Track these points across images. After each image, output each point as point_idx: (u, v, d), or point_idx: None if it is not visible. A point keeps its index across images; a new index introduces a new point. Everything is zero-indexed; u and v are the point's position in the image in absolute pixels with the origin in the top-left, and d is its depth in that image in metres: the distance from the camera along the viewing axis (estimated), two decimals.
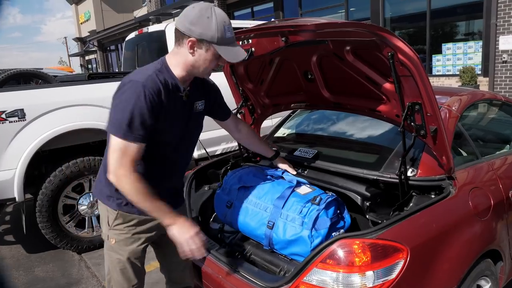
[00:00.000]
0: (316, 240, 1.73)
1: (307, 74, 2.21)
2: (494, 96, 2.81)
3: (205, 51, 1.52)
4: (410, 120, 1.76)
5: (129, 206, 1.62)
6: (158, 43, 4.50)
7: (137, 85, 1.44)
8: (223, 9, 13.88)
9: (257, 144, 2.21)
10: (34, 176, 3.61)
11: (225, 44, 1.51)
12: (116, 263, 1.69)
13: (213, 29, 1.47)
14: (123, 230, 1.67)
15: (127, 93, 1.44)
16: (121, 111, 1.43)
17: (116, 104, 1.46)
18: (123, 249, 1.68)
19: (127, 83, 1.47)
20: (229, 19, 1.55)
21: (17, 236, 4.24)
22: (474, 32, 8.26)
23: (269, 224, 1.85)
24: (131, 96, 1.43)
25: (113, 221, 1.66)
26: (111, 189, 1.61)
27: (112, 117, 1.46)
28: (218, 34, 1.48)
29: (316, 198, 1.83)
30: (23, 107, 3.20)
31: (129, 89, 1.44)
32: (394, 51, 1.59)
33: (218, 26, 1.48)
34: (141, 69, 1.56)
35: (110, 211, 1.67)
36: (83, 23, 27.65)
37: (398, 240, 1.51)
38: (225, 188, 2.14)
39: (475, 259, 1.73)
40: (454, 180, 1.84)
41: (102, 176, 1.66)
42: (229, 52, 1.53)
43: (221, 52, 1.51)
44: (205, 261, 1.95)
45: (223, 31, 1.49)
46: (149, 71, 1.51)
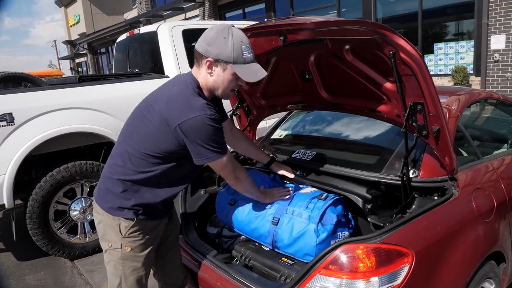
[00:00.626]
0: (322, 234, 1.70)
1: (304, 74, 2.17)
2: (491, 95, 2.80)
3: (222, 71, 1.56)
4: (412, 120, 1.72)
5: (145, 214, 1.67)
6: (150, 44, 4.42)
7: (206, 119, 1.50)
8: (215, 11, 13.95)
9: (252, 150, 2.18)
10: (24, 181, 3.52)
11: (242, 63, 1.53)
12: (131, 270, 1.70)
13: (229, 49, 1.51)
14: (138, 237, 1.68)
15: (204, 128, 1.50)
16: (210, 143, 1.54)
17: (202, 141, 1.53)
18: (139, 255, 1.70)
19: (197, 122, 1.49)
20: (247, 39, 1.56)
21: (7, 243, 4.13)
22: (465, 32, 8.31)
23: (274, 220, 1.82)
24: (209, 128, 1.51)
25: (128, 229, 1.66)
26: (125, 200, 1.64)
27: (204, 152, 1.55)
28: (234, 54, 1.52)
29: (323, 195, 1.82)
30: (12, 111, 3.12)
31: (204, 125, 1.50)
32: (396, 49, 1.55)
33: (235, 46, 1.51)
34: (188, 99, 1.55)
35: (123, 220, 1.65)
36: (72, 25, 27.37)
37: (402, 244, 1.46)
38: (230, 187, 2.09)
39: (480, 261, 1.70)
40: (456, 181, 1.81)
41: (112, 188, 1.66)
42: (247, 71, 1.56)
43: (238, 71, 1.54)
44: (203, 267, 1.90)
45: (240, 50, 1.52)
46: (198, 99, 1.54)
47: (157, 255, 1.90)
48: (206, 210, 2.32)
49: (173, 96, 1.56)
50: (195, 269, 1.93)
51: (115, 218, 1.65)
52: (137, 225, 1.66)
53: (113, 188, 1.65)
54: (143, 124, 1.60)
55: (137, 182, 1.63)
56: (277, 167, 2.13)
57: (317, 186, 2.00)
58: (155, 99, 1.61)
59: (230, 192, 2.09)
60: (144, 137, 1.60)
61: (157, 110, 1.56)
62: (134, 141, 1.62)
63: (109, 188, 1.67)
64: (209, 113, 1.51)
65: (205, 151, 1.55)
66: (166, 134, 1.54)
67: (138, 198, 1.64)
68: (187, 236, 2.13)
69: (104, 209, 1.67)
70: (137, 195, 1.64)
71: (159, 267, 1.96)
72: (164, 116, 1.53)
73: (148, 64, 4.55)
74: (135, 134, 1.63)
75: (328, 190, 1.93)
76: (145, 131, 1.59)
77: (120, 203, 1.64)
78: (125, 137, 1.67)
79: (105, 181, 1.69)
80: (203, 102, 1.53)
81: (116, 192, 1.64)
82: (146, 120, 1.59)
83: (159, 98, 1.59)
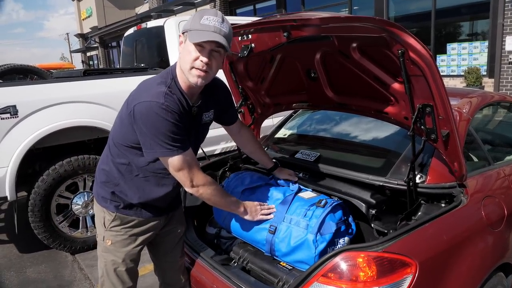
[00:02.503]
0: (320, 245, 1.65)
1: (310, 72, 2.10)
2: (504, 98, 2.69)
3: (184, 42, 1.50)
4: (420, 123, 1.65)
5: (127, 208, 1.66)
6: (157, 39, 4.38)
7: (156, 106, 1.40)
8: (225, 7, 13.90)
9: (258, 152, 2.13)
10: (28, 174, 3.52)
11: (198, 29, 1.43)
12: (111, 264, 1.69)
13: (191, 19, 1.47)
14: (120, 232, 1.67)
15: (151, 116, 1.41)
16: (157, 134, 1.42)
17: (147, 131, 1.43)
18: (119, 250, 1.68)
19: (144, 107, 1.41)
20: (217, 14, 1.46)
21: (10, 235, 4.15)
22: (479, 32, 8.12)
23: (270, 229, 1.76)
24: (156, 118, 1.40)
25: (110, 223, 1.67)
26: (107, 191, 1.66)
27: (152, 143, 1.45)
28: (194, 21, 1.45)
29: (321, 201, 1.75)
30: (16, 103, 3.11)
31: (150, 112, 1.40)
32: (405, 48, 1.47)
33: (196, 15, 1.46)
34: (151, 85, 1.49)
35: (107, 213, 1.67)
36: (85, 19, 27.51)
37: (406, 253, 1.39)
38: (227, 190, 2.04)
39: (488, 273, 1.62)
40: (465, 188, 1.73)
41: (98, 177, 1.71)
42: (197, 33, 1.43)
43: (189, 35, 1.44)
44: (199, 269, 1.86)
45: (200, 17, 1.44)
46: (160, 86, 1.46)
47: (155, 252, 1.90)
48: (206, 209, 2.27)
49: (143, 84, 1.54)
50: (192, 269, 1.90)
51: (101, 209, 1.67)
52: (118, 219, 1.66)
53: (99, 178, 1.69)
54: (119, 114, 1.61)
55: (114, 174, 1.62)
56: (280, 173, 2.07)
57: (320, 190, 1.93)
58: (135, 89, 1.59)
59: None
60: (116, 126, 1.60)
61: (128, 98, 1.55)
62: (112, 131, 1.64)
63: (97, 177, 1.72)
64: (162, 101, 1.40)
65: (151, 142, 1.45)
66: (127, 121, 1.50)
67: (118, 190, 1.64)
68: (185, 235, 2.08)
69: (95, 198, 1.72)
70: (117, 188, 1.64)
71: (158, 264, 1.94)
72: (129, 102, 1.51)
73: (155, 58, 4.52)
74: (114, 124, 1.64)
75: (330, 194, 1.86)
76: (118, 120, 1.60)
77: (103, 192, 1.67)
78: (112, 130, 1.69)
79: (96, 171, 1.74)
80: (162, 90, 1.44)
81: (101, 181, 1.68)
82: (121, 110, 1.59)
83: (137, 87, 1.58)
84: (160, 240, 1.84)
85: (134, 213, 1.66)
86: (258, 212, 1.79)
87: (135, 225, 1.68)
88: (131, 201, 1.64)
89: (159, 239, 1.84)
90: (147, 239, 1.75)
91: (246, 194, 1.96)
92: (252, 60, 2.19)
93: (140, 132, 1.45)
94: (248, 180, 2.04)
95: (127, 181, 1.62)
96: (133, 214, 1.66)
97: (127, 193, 1.63)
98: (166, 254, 1.88)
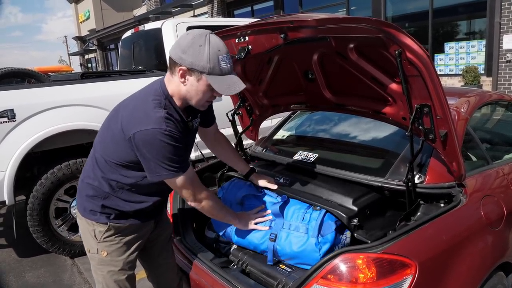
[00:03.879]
0: (324, 246, 1.64)
1: (307, 73, 2.10)
2: (502, 97, 2.69)
3: (196, 81, 1.44)
4: (418, 123, 1.64)
5: (118, 217, 1.63)
6: (154, 41, 4.38)
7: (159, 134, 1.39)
8: (223, 8, 13.89)
9: (232, 158, 2.08)
10: (26, 178, 3.51)
11: (218, 74, 1.42)
12: (110, 276, 1.66)
13: (204, 58, 1.39)
14: (114, 241, 1.64)
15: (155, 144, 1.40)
16: (162, 159, 1.43)
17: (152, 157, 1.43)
18: (116, 259, 1.66)
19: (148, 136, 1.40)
20: (225, 48, 1.43)
21: (9, 239, 4.13)
22: (477, 31, 8.13)
23: (271, 237, 1.75)
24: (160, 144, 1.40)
25: (103, 234, 1.63)
26: (95, 204, 1.61)
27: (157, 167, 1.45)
28: (210, 64, 1.40)
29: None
30: (13, 107, 3.09)
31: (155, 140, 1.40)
32: (402, 49, 1.46)
33: (211, 55, 1.39)
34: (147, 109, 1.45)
35: (97, 225, 1.63)
36: (82, 22, 27.51)
37: (405, 254, 1.39)
38: (225, 201, 2.03)
39: (488, 273, 1.61)
40: (464, 188, 1.72)
41: (83, 191, 1.65)
42: (223, 82, 1.43)
43: (212, 82, 1.42)
44: (198, 271, 1.85)
45: (216, 60, 1.40)
46: (158, 111, 1.43)
47: (147, 258, 1.88)
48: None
49: (136, 105, 1.49)
50: (191, 272, 1.88)
51: (90, 222, 1.63)
52: (112, 229, 1.62)
53: (84, 191, 1.64)
54: (108, 131, 1.55)
55: (105, 188, 1.58)
56: (257, 178, 2.01)
57: (299, 199, 1.86)
58: (123, 106, 1.54)
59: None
60: (108, 145, 1.54)
61: (119, 118, 1.49)
62: (101, 147, 1.58)
63: (82, 191, 1.66)
64: (164, 127, 1.40)
65: (156, 167, 1.45)
66: (124, 143, 1.47)
67: (107, 203, 1.60)
68: (184, 238, 2.08)
69: (80, 212, 1.67)
70: (106, 201, 1.60)
71: (151, 269, 1.92)
72: (123, 124, 1.46)
73: (153, 61, 4.52)
74: (102, 140, 1.58)
75: (310, 203, 1.80)
76: (109, 138, 1.54)
77: (91, 206, 1.62)
78: (96, 142, 1.63)
79: (80, 184, 1.68)
80: (161, 115, 1.41)
81: (87, 195, 1.62)
82: (110, 127, 1.54)
83: (127, 105, 1.53)
84: (150, 244, 1.83)
85: (126, 220, 1.64)
86: (252, 221, 1.82)
87: (128, 232, 1.66)
88: (123, 210, 1.62)
89: (149, 244, 1.83)
90: (142, 243, 1.74)
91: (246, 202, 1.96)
92: (250, 61, 2.18)
93: (144, 158, 1.45)
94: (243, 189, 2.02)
95: (118, 194, 1.59)
96: (126, 222, 1.64)
97: (118, 203, 1.61)
98: (158, 257, 1.88)
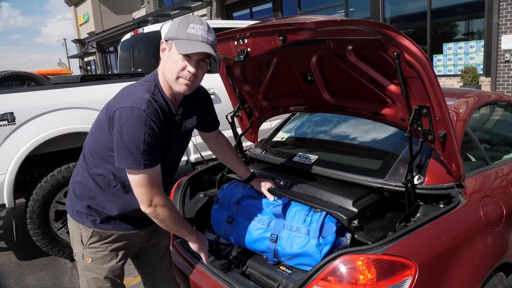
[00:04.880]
0: (325, 248, 1.65)
1: (306, 75, 2.10)
2: (501, 97, 2.70)
3: (169, 51, 1.44)
4: (417, 124, 1.65)
5: (104, 222, 1.57)
6: (153, 43, 4.39)
7: (137, 113, 1.34)
8: (222, 10, 13.91)
9: (234, 162, 2.04)
10: (26, 181, 3.51)
11: (185, 38, 1.39)
12: (94, 283, 1.60)
13: (175, 26, 1.41)
14: (99, 248, 1.58)
15: (129, 123, 1.34)
16: (130, 143, 1.35)
17: (121, 138, 1.36)
18: (101, 267, 1.59)
19: (124, 113, 1.35)
20: (202, 22, 1.43)
21: (9, 242, 4.13)
22: (475, 31, 8.15)
23: (272, 238, 1.75)
24: (134, 125, 1.34)
25: (88, 239, 1.57)
26: (82, 204, 1.56)
27: (123, 152, 1.37)
28: (179, 29, 1.40)
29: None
30: (13, 110, 3.10)
31: (130, 119, 1.34)
32: (400, 50, 1.47)
33: (181, 22, 1.41)
34: (133, 90, 1.44)
35: (83, 229, 1.57)
36: (82, 24, 27.55)
37: (405, 255, 1.39)
38: (223, 203, 2.03)
39: (488, 273, 1.62)
40: (463, 188, 1.73)
41: (72, 191, 1.60)
42: (184, 43, 1.38)
43: (176, 44, 1.39)
44: (199, 273, 1.84)
45: (185, 26, 1.39)
46: (143, 93, 1.40)
47: (143, 267, 1.85)
48: (205, 214, 2.26)
49: (124, 89, 1.48)
50: (191, 275, 1.88)
51: (77, 225, 1.58)
52: (96, 235, 1.56)
53: (72, 191, 1.60)
54: (96, 122, 1.53)
55: (91, 186, 1.54)
56: (257, 184, 2.00)
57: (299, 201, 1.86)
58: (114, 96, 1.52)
59: (224, 208, 2.03)
60: (93, 135, 1.51)
61: (107, 105, 1.46)
62: (88, 140, 1.55)
63: (71, 190, 1.61)
64: (144, 108, 1.35)
65: (122, 151, 1.37)
66: (105, 126, 1.42)
67: (94, 204, 1.55)
68: (184, 240, 2.07)
69: (68, 212, 1.62)
70: (93, 201, 1.55)
71: (148, 278, 1.88)
72: (109, 108, 1.42)
73: (152, 63, 4.52)
74: (90, 133, 1.55)
75: (310, 205, 1.80)
76: (95, 128, 1.51)
77: (77, 206, 1.57)
78: (86, 138, 1.60)
79: (70, 185, 1.64)
80: (144, 97, 1.37)
81: (75, 194, 1.58)
82: (98, 117, 1.52)
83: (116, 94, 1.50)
84: (146, 253, 1.79)
85: (113, 227, 1.57)
86: (205, 247, 1.75)
87: (115, 239, 1.59)
88: (109, 214, 1.56)
89: (145, 253, 1.78)
90: (129, 253, 1.68)
91: (242, 205, 1.96)
92: (249, 64, 2.19)
93: (115, 139, 1.38)
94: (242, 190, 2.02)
95: (105, 193, 1.54)
96: (112, 228, 1.57)
97: (104, 205, 1.55)
98: (154, 267, 1.83)
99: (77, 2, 27.74)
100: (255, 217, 1.87)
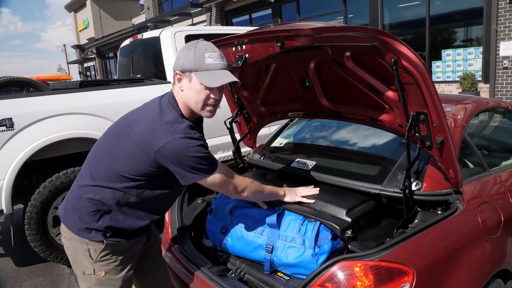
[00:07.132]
0: (321, 257, 1.64)
1: (304, 81, 2.11)
2: (499, 104, 2.71)
3: (189, 82, 1.50)
4: (415, 130, 1.65)
5: (116, 235, 1.58)
6: (153, 49, 4.40)
7: (189, 139, 1.44)
8: (221, 16, 13.97)
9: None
10: (24, 186, 3.50)
11: (205, 70, 1.46)
12: None
13: (191, 57, 1.47)
14: (111, 259, 1.59)
15: (189, 151, 1.44)
16: (197, 162, 1.46)
17: (185, 163, 1.46)
18: (115, 278, 1.60)
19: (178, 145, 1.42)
20: (214, 48, 1.49)
21: (7, 248, 4.11)
22: (474, 38, 8.19)
23: (267, 248, 1.75)
24: (193, 149, 1.44)
25: (99, 253, 1.56)
26: (93, 219, 1.54)
27: (192, 173, 1.48)
28: (196, 61, 1.46)
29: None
30: (12, 116, 3.09)
31: (187, 147, 1.44)
32: (397, 57, 1.48)
33: (196, 53, 1.47)
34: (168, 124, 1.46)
35: (92, 244, 1.55)
36: (82, 30, 27.66)
37: (403, 262, 1.39)
38: (216, 213, 2.03)
39: (486, 280, 1.61)
40: (461, 195, 1.73)
41: (81, 208, 1.55)
42: (209, 76, 1.46)
43: (200, 77, 1.46)
44: (196, 279, 1.83)
45: (202, 57, 1.46)
46: (179, 122, 1.47)
47: (139, 273, 1.84)
48: (203, 220, 2.26)
49: (156, 119, 1.48)
50: (189, 281, 1.87)
51: (83, 241, 1.55)
52: (108, 248, 1.56)
53: (82, 208, 1.54)
54: (119, 144, 1.51)
55: (109, 202, 1.52)
56: None
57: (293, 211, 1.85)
58: (136, 120, 1.52)
59: (217, 218, 2.02)
60: (119, 158, 1.50)
61: (137, 131, 1.47)
62: (110, 160, 1.53)
63: (77, 207, 1.56)
64: (192, 135, 1.45)
65: (190, 171, 1.47)
66: (143, 157, 1.46)
67: (109, 220, 1.54)
68: (182, 247, 2.07)
69: (71, 230, 1.57)
70: (108, 216, 1.54)
71: (145, 283, 1.88)
72: (145, 138, 1.45)
73: (151, 69, 4.53)
74: (110, 153, 1.53)
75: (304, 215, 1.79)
76: (121, 152, 1.50)
77: (87, 223, 1.53)
78: (100, 155, 1.57)
79: (74, 201, 1.58)
80: (185, 125, 1.47)
81: (85, 212, 1.54)
82: (123, 140, 1.51)
83: (141, 119, 1.51)
84: (143, 256, 1.80)
85: (124, 237, 1.60)
86: (298, 194, 1.90)
87: (125, 249, 1.62)
88: (121, 227, 1.57)
89: (142, 256, 1.79)
90: (137, 259, 1.72)
91: (235, 215, 1.96)
92: (247, 69, 2.20)
93: (175, 166, 1.46)
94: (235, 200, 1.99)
95: (122, 207, 1.55)
96: (123, 238, 1.60)
97: (118, 218, 1.56)
98: (151, 269, 1.86)
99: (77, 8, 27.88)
100: (249, 227, 1.86)
